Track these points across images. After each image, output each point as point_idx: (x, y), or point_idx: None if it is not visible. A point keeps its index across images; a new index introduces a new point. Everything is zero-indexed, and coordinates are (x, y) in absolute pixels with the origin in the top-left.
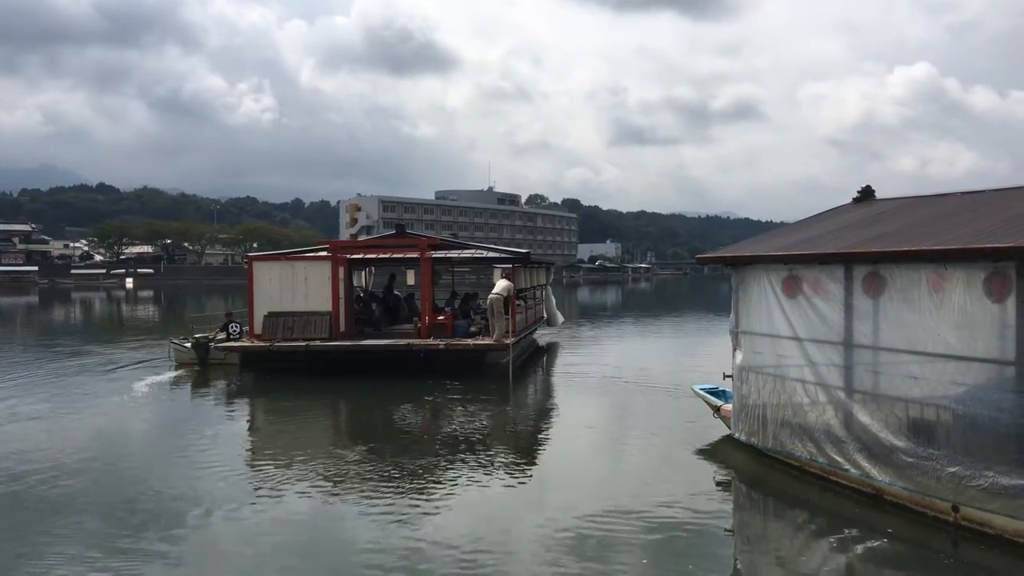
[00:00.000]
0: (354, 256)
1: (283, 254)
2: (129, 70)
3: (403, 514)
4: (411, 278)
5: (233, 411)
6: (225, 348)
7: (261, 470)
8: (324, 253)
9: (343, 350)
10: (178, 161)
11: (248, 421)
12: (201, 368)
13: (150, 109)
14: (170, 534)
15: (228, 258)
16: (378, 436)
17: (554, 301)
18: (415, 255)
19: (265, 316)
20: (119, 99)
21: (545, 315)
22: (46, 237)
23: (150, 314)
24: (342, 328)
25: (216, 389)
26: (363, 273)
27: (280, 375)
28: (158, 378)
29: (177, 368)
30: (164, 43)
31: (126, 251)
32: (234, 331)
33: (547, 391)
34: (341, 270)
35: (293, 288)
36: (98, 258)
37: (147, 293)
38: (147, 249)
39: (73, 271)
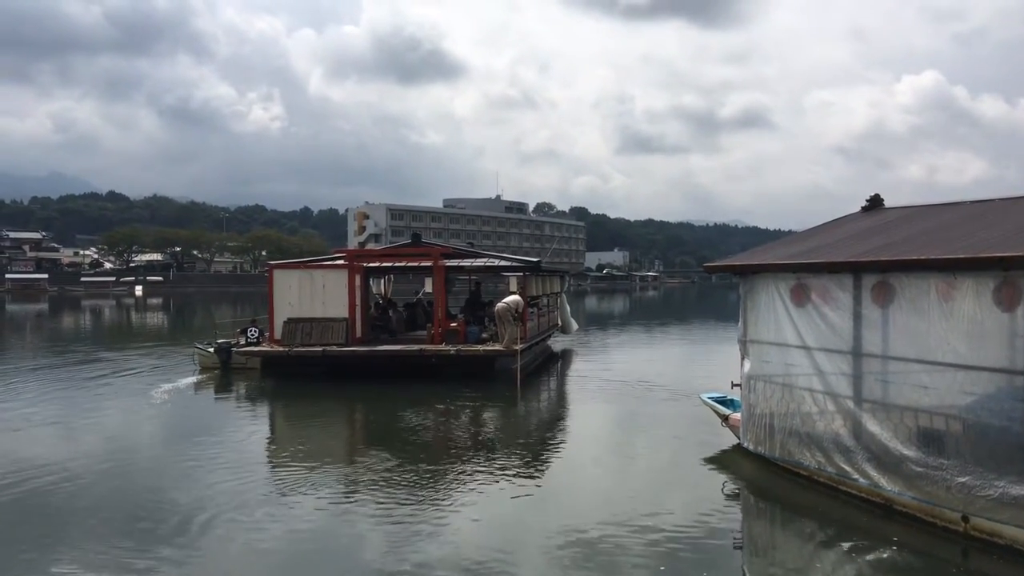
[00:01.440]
0: (370, 264)
1: (302, 262)
2: (139, 79)
3: (411, 524)
4: (428, 285)
5: (250, 417)
6: (246, 353)
7: (273, 477)
8: (341, 262)
9: (358, 355)
10: (187, 169)
11: (263, 427)
12: (223, 372)
13: (160, 117)
14: (183, 540)
15: (237, 266)
16: (388, 442)
17: (568, 309)
18: (429, 263)
19: (285, 322)
20: (129, 107)
21: (559, 322)
22: (56, 245)
23: (163, 321)
24: (358, 334)
25: (235, 394)
26: (382, 281)
27: (299, 379)
28: (180, 383)
29: (201, 372)
30: (175, 52)
31: (135, 259)
32: (252, 335)
33: (557, 398)
34: (358, 278)
35: (312, 295)
36: (108, 266)
37: (156, 301)
38: (156, 257)
39: (83, 279)
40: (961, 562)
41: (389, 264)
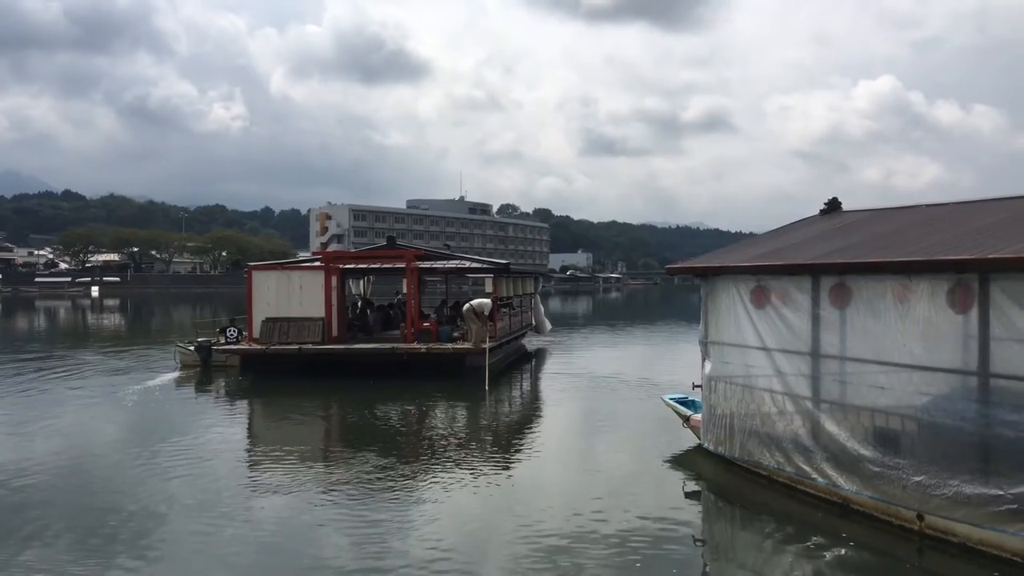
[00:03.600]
0: (346, 266)
1: (280, 264)
2: (98, 76)
3: (375, 524)
4: (405, 287)
5: (223, 414)
6: (226, 351)
7: (242, 475)
8: (318, 263)
9: (334, 353)
10: (146, 168)
11: (236, 424)
12: (204, 370)
13: (118, 116)
14: (144, 542)
15: (196, 266)
16: (355, 440)
17: (543, 310)
18: (402, 265)
19: (263, 321)
20: (87, 105)
21: (534, 322)
22: (10, 245)
23: (122, 323)
24: (334, 333)
25: (213, 391)
26: (362, 282)
27: (276, 376)
28: (157, 380)
29: (182, 369)
30: (134, 50)
31: (92, 259)
32: (231, 335)
33: (524, 396)
34: (334, 279)
35: (289, 295)
36: (63, 266)
37: (113, 302)
38: (113, 257)
39: (37, 279)
40: (916, 560)
41: (364, 266)
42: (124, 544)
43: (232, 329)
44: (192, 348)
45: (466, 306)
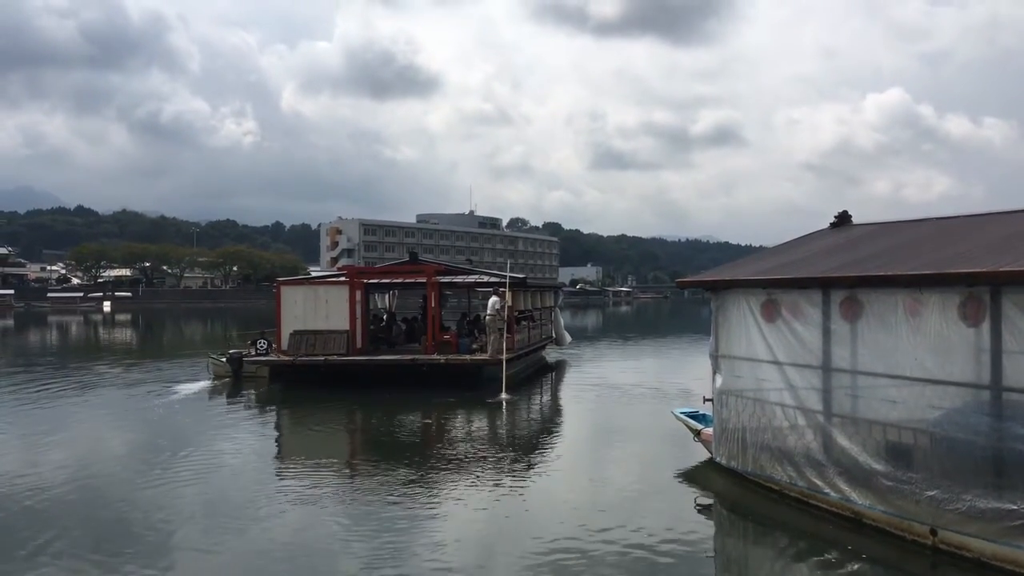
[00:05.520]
0: (369, 281)
1: (307, 279)
2: (111, 93)
3: (383, 538)
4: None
5: (250, 423)
6: (256, 362)
7: (262, 486)
8: (343, 278)
9: (357, 364)
10: (158, 184)
11: (259, 434)
12: (235, 380)
13: (131, 132)
14: (157, 552)
15: (207, 281)
16: (375, 452)
17: (563, 322)
18: (423, 280)
19: (291, 334)
20: (100, 122)
21: (554, 335)
22: (23, 260)
23: (135, 338)
24: (358, 344)
25: (241, 401)
26: (387, 296)
27: (303, 386)
28: (189, 390)
29: (214, 379)
30: (148, 67)
31: (104, 274)
32: (261, 347)
33: (538, 408)
34: (358, 293)
35: (315, 309)
36: (75, 281)
37: (125, 317)
38: (125, 272)
39: (50, 294)
40: (930, 575)
41: (388, 281)
42: (139, 552)
43: (263, 341)
44: (224, 360)
45: (487, 316)
